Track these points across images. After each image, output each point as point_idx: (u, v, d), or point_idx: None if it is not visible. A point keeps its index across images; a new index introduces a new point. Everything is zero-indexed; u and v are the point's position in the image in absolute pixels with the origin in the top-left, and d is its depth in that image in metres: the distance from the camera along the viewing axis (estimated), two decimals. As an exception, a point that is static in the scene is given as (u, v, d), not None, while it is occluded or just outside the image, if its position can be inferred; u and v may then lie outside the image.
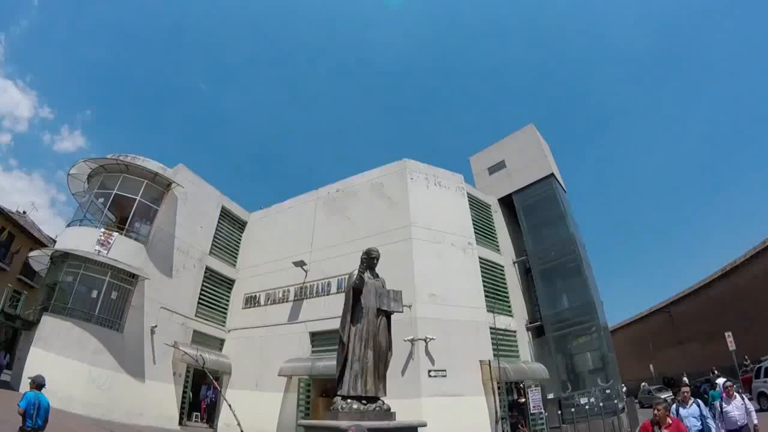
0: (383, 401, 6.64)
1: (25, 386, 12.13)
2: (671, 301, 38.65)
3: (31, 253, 18.66)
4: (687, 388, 7.86)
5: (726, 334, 21.36)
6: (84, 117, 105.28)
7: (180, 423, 17.30)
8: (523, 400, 17.30)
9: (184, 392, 17.97)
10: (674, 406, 7.53)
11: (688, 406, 7.42)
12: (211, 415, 18.99)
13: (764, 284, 25.91)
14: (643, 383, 37.33)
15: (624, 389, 34.71)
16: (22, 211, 31.28)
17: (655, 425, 5.66)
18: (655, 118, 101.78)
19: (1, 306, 15.99)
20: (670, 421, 5.67)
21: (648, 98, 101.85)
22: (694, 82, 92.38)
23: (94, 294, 16.26)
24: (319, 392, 16.55)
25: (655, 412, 5.72)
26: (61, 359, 14.57)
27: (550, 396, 18.18)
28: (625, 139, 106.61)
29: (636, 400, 30.97)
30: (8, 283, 19.68)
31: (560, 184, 22.78)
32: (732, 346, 21.35)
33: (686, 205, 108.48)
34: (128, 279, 16.95)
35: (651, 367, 38.70)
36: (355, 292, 6.82)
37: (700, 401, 7.61)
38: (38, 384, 7.35)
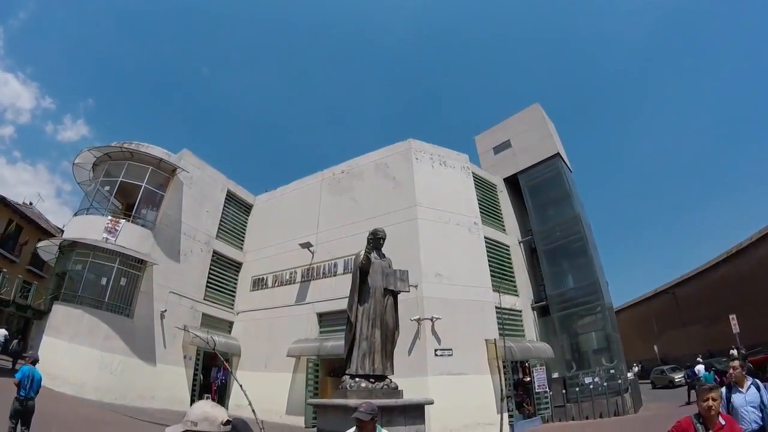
0: (391, 380, 6.72)
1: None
2: (676, 283, 38.60)
3: (40, 244, 18.86)
4: (737, 363, 5.38)
5: (730, 316, 21.33)
6: (86, 106, 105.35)
7: (191, 405, 17.57)
8: (528, 379, 17.49)
9: (195, 375, 18.24)
10: (723, 391, 4.93)
11: (744, 390, 5.00)
12: (221, 396, 19.28)
13: (768, 268, 25.83)
14: (638, 365, 37.55)
15: (636, 369, 34.83)
16: (28, 203, 31.42)
17: (698, 424, 3.57)
18: (665, 99, 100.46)
19: (13, 297, 16.25)
20: (723, 422, 3.58)
21: (659, 77, 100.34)
22: (709, 62, 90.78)
23: (104, 281, 16.46)
24: (327, 372, 16.76)
25: (710, 403, 3.51)
26: (72, 346, 14.86)
27: (555, 375, 18.36)
28: (634, 120, 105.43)
29: (643, 381, 31.11)
30: (18, 274, 19.91)
31: (566, 164, 22.60)
32: (736, 329, 21.30)
33: (693, 188, 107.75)
34: (136, 265, 17.10)
35: (655, 348, 38.82)
36: (362, 272, 6.85)
37: (759, 383, 5.25)
38: (33, 360, 8.12)
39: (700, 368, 18.68)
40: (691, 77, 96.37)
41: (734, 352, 24.71)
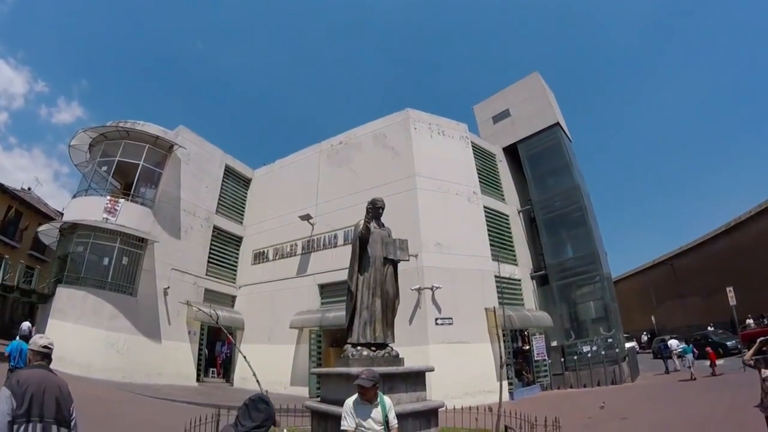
0: (392, 348, 6.77)
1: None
2: (674, 254, 38.80)
3: (40, 228, 18.81)
4: None
5: (727, 288, 21.40)
6: (80, 87, 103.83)
7: (198, 379, 17.94)
8: (528, 347, 17.73)
9: (200, 349, 18.55)
10: None
11: None
12: (227, 370, 19.67)
13: (766, 242, 25.86)
14: (646, 334, 37.96)
15: (645, 339, 35.05)
16: (26, 188, 31.26)
17: None
18: (665, 68, 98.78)
19: (16, 282, 16.31)
20: None
21: (659, 47, 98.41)
22: (708, 32, 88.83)
23: (106, 261, 16.55)
24: (330, 342, 16.99)
25: None
26: (78, 327, 14.98)
27: (554, 344, 18.65)
28: (634, 89, 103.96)
29: (643, 350, 31.49)
30: (20, 259, 19.89)
31: (566, 134, 22.37)
32: (733, 301, 21.37)
33: (694, 161, 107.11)
34: (138, 244, 17.15)
35: (653, 318, 39.21)
36: (361, 242, 6.79)
37: None
38: (21, 335, 9.31)
39: (672, 342, 18.92)
40: (695, 47, 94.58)
41: (750, 321, 24.31)
